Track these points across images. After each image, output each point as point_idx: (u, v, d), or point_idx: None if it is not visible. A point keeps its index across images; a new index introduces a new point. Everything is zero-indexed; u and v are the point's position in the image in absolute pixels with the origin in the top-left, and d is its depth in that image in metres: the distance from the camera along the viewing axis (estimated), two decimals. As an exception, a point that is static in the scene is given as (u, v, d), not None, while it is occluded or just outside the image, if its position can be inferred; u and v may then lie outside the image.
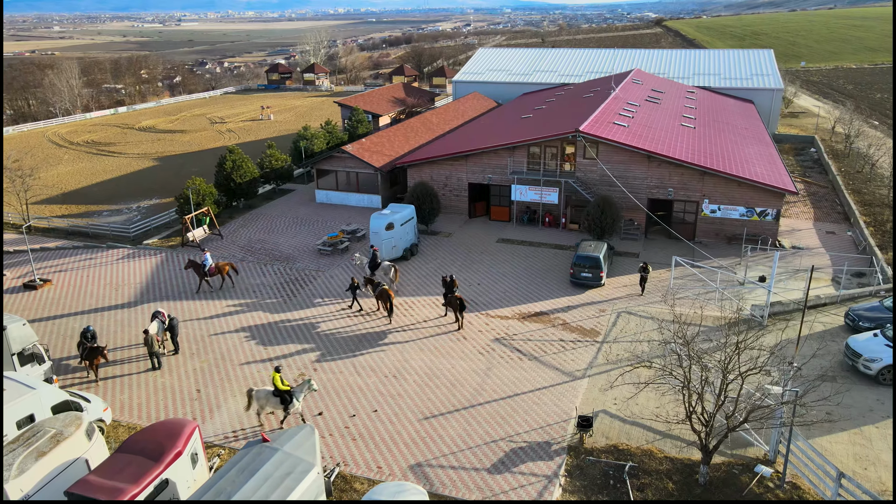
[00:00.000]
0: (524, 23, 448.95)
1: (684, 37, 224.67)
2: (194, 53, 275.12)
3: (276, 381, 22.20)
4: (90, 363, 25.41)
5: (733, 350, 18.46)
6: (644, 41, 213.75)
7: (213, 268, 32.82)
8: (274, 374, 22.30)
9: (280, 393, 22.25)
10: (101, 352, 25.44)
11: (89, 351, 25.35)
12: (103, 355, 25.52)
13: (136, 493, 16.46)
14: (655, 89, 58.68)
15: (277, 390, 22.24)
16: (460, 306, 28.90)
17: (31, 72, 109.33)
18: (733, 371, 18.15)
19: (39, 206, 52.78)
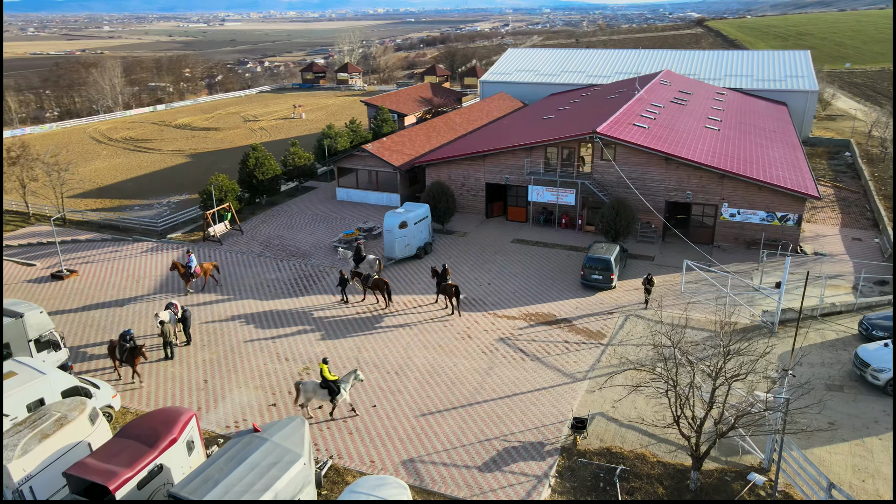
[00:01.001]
0: (563, 23, 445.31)
1: (725, 37, 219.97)
2: (236, 53, 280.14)
3: (324, 373, 22.73)
4: (131, 364, 25.45)
5: (723, 355, 18.21)
6: (683, 42, 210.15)
7: (199, 269, 33.01)
8: (322, 365, 22.79)
9: (328, 384, 22.72)
10: (141, 351, 25.43)
11: (129, 352, 25.35)
12: (142, 354, 25.52)
13: (130, 476, 17.09)
14: (683, 90, 57.81)
15: (325, 381, 22.70)
16: (455, 293, 29.75)
17: (77, 70, 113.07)
18: (721, 376, 17.89)
19: (76, 200, 54.67)
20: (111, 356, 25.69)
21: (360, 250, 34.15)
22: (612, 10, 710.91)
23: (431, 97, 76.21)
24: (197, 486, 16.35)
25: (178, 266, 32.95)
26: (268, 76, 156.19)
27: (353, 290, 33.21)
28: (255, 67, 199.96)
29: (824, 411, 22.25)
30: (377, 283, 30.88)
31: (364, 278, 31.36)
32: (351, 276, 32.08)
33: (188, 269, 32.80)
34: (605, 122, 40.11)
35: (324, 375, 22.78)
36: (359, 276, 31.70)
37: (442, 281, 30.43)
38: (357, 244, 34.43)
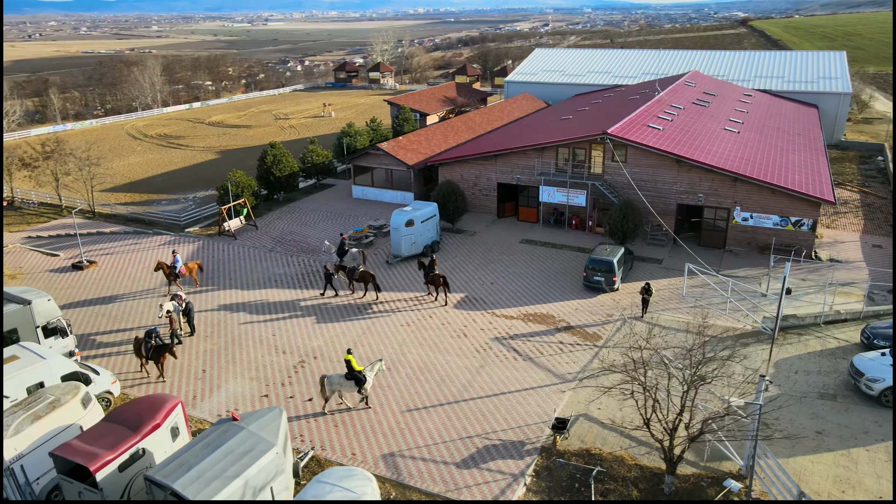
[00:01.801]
0: (604, 23, 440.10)
1: (769, 37, 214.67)
2: (277, 52, 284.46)
3: (352, 363, 23.28)
4: (156, 361, 25.60)
5: (691, 359, 18.06)
6: (725, 42, 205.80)
7: (184, 268, 33.42)
8: (348, 356, 23.27)
9: (354, 375, 23.24)
10: (170, 349, 25.66)
11: (154, 350, 25.50)
12: (171, 353, 25.68)
13: (111, 458, 17.79)
14: (708, 92, 56.84)
15: (351, 373, 23.22)
16: (444, 283, 30.97)
17: (119, 69, 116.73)
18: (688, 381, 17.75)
19: (107, 194, 56.59)
20: (136, 353, 25.97)
21: (344, 244, 34.89)
22: (655, 9, 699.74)
23: (455, 97, 76.49)
24: (172, 470, 16.95)
25: (164, 266, 33.18)
26: (303, 75, 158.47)
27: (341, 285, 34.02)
28: (296, 66, 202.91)
29: (814, 420, 21.86)
30: (363, 275, 31.79)
31: (349, 271, 32.05)
32: (335, 269, 32.75)
33: (173, 268, 33.12)
34: (618, 124, 39.83)
35: (351, 366, 23.31)
36: (343, 270, 32.47)
37: (429, 272, 31.47)
38: (342, 238, 35.13)
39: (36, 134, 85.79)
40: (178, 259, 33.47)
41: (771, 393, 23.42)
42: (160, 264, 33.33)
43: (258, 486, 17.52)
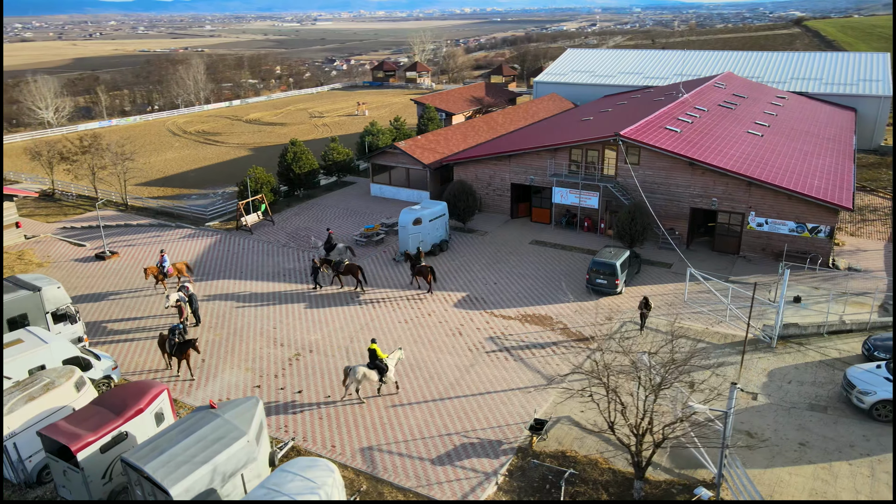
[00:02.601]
0: (653, 22, 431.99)
1: (823, 38, 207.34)
2: (324, 51, 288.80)
3: (378, 353, 24.09)
4: (179, 359, 25.86)
5: (668, 364, 17.88)
6: (776, 42, 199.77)
7: (172, 268, 33.72)
8: (373, 345, 24.12)
9: (378, 364, 24.01)
10: (193, 345, 25.84)
11: (178, 346, 25.75)
12: (195, 348, 25.91)
13: (92, 440, 18.61)
14: (737, 94, 55.52)
15: (374, 362, 23.99)
16: (431, 273, 32.18)
17: (165, 67, 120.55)
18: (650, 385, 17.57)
19: (142, 187, 58.75)
20: (161, 349, 26.38)
21: (331, 239, 35.62)
22: (708, 8, 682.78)
23: (483, 97, 76.50)
24: (145, 454, 17.65)
25: (152, 270, 33.14)
26: (345, 74, 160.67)
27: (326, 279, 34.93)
28: (341, 65, 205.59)
29: (799, 431, 21.32)
30: (350, 268, 32.66)
31: (335, 265, 32.70)
32: (321, 263, 33.45)
33: (162, 268, 33.38)
34: (633, 125, 39.36)
35: (377, 355, 24.09)
36: (328, 264, 33.25)
37: (416, 264, 32.60)
38: (328, 233, 35.85)
39: (83, 129, 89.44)
40: (165, 259, 33.62)
41: (759, 402, 22.95)
42: (147, 271, 33.23)
43: (227, 473, 18.10)
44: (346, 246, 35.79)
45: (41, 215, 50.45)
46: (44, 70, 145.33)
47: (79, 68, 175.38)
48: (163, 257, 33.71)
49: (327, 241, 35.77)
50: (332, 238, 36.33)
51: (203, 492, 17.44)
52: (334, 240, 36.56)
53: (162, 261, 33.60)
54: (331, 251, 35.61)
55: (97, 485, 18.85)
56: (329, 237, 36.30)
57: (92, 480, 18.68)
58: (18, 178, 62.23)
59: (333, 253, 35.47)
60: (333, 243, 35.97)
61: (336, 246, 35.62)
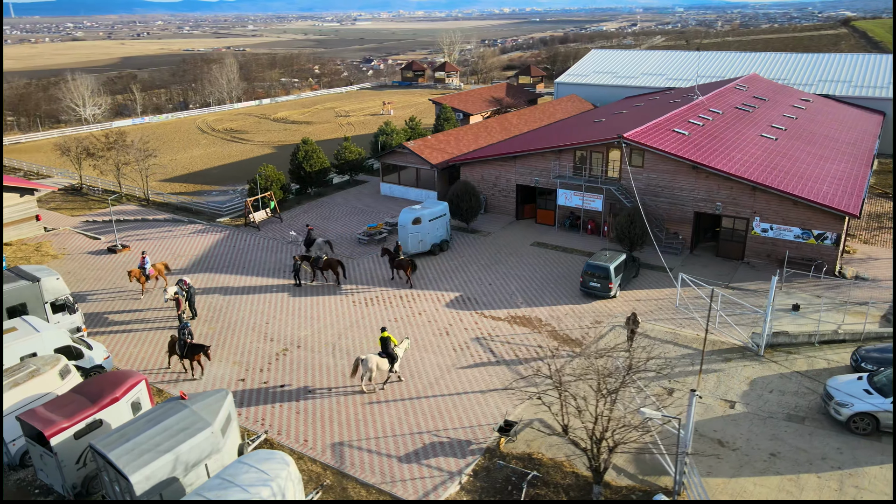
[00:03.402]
0: (696, 22, 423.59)
1: (870, 39, 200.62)
2: (362, 51, 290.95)
3: (392, 341, 24.87)
4: (191, 359, 25.76)
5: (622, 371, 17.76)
6: (821, 43, 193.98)
7: (153, 270, 33.72)
8: (385, 334, 24.82)
9: (389, 353, 24.69)
10: (205, 350, 25.77)
11: (190, 348, 25.68)
12: (206, 354, 25.81)
13: (66, 426, 19.29)
14: (758, 96, 54.30)
15: (385, 351, 24.69)
16: (411, 265, 33.06)
17: (200, 66, 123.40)
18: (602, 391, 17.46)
19: (166, 183, 60.34)
20: (171, 352, 26.31)
21: (310, 234, 36.24)
22: (754, 8, 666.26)
23: (503, 97, 76.31)
24: (112, 441, 18.26)
25: (136, 273, 32.99)
26: (380, 73, 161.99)
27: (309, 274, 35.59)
28: (379, 65, 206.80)
29: (772, 441, 20.89)
30: (329, 263, 33.35)
31: (314, 260, 33.21)
32: (300, 260, 33.98)
33: (143, 270, 33.20)
34: (639, 128, 38.92)
35: (391, 343, 24.82)
36: (307, 259, 33.85)
37: (395, 257, 33.52)
38: (308, 229, 36.49)
39: (117, 126, 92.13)
40: (146, 260, 33.59)
41: (736, 411, 22.55)
42: (131, 273, 33.08)
43: (190, 462, 18.58)
44: (325, 240, 36.62)
45: (67, 209, 52.23)
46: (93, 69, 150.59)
47: (126, 67, 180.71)
48: (144, 259, 33.50)
49: (307, 237, 36.41)
50: (311, 234, 37.24)
51: (164, 480, 17.95)
52: (313, 235, 37.40)
53: (143, 262, 33.47)
54: (310, 246, 36.27)
55: (71, 469, 19.54)
56: (308, 233, 37.18)
57: (66, 465, 19.39)
58: (50, 172, 64.54)
59: (313, 248, 36.08)
60: (312, 238, 36.83)
61: (315, 241, 36.27)
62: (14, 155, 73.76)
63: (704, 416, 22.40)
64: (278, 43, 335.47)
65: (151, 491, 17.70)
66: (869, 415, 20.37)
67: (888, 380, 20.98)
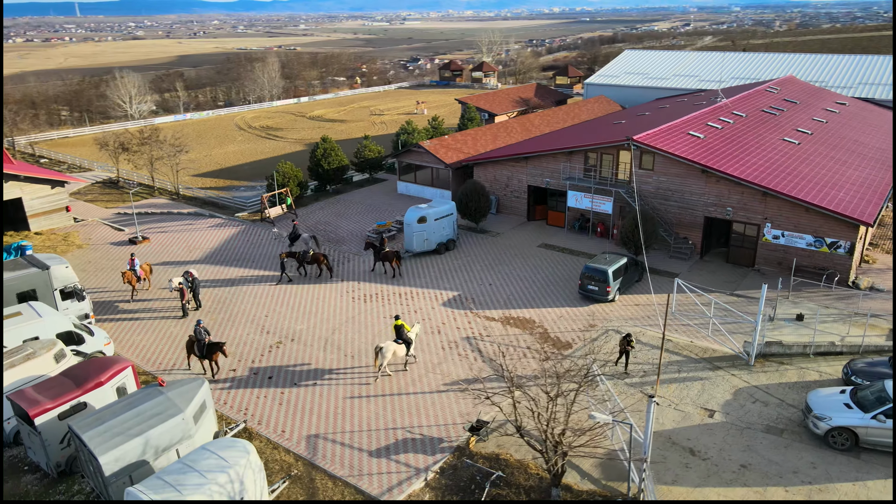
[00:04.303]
0: (752, 22, 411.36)
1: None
2: (410, 50, 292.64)
3: (405, 328, 25.92)
4: (210, 358, 25.82)
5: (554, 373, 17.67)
6: (879, 45, 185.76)
7: (141, 271, 33.76)
8: (400, 322, 25.97)
9: (404, 338, 25.81)
10: (221, 348, 25.77)
11: (208, 347, 25.78)
12: (223, 352, 25.81)
13: (50, 408, 20.28)
14: (789, 99, 52.69)
15: (400, 337, 25.80)
16: (397, 257, 34.15)
17: (243, 65, 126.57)
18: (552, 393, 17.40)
19: (198, 178, 62.24)
20: (189, 351, 26.29)
21: (295, 229, 36.93)
22: (815, 7, 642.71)
23: (531, 97, 75.87)
24: (88, 423, 19.12)
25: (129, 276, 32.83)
26: (410, 74, 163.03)
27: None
28: (425, 64, 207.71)
29: (745, 452, 20.41)
30: (314, 257, 34.17)
31: (300, 256, 33.79)
32: (286, 256, 34.58)
33: (134, 271, 33.12)
34: (652, 130, 38.33)
35: (405, 330, 25.95)
36: (292, 256, 34.51)
37: (380, 250, 34.46)
38: (294, 224, 37.13)
39: (160, 122, 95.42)
40: (136, 262, 33.62)
41: (714, 420, 22.09)
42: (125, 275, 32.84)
43: (160, 447, 19.30)
44: (310, 235, 37.39)
45: (103, 201, 54.42)
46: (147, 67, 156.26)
47: (181, 65, 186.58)
48: (133, 261, 33.53)
49: (292, 232, 37.09)
50: (296, 228, 38.30)
51: (134, 462, 18.71)
52: (298, 230, 38.37)
53: (133, 264, 33.48)
54: (295, 241, 37.03)
55: (55, 449, 20.52)
56: (294, 227, 38.16)
57: (50, 444, 20.36)
58: (91, 166, 67.30)
59: (298, 243, 36.80)
60: (297, 234, 37.76)
61: (300, 236, 36.99)
62: (61, 149, 77.17)
63: (681, 423, 22.04)
64: (328, 42, 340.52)
65: (121, 472, 18.48)
66: (847, 430, 19.70)
67: (873, 395, 20.25)
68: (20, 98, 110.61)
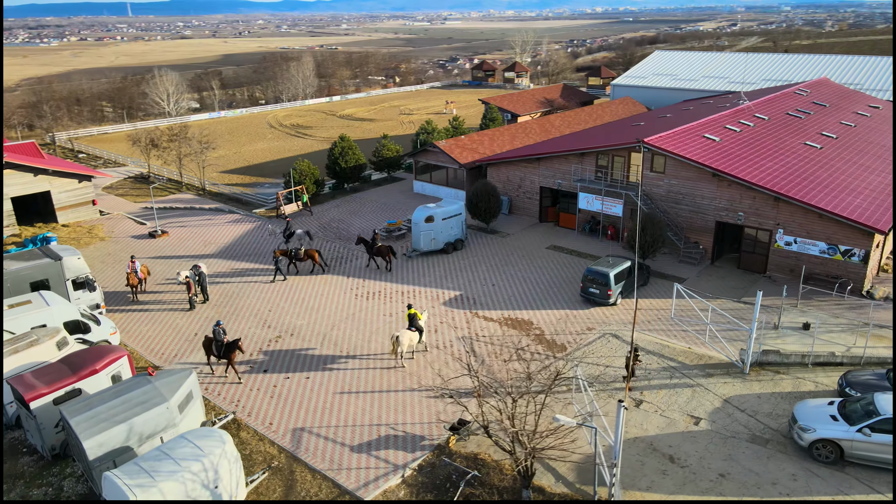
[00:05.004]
0: (803, 22, 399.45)
1: None
2: (450, 50, 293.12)
3: (418, 317, 27.04)
4: (228, 359, 25.75)
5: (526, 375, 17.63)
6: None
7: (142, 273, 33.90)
8: (413, 311, 27.08)
9: (417, 325, 26.87)
10: (238, 345, 25.72)
11: (226, 347, 25.73)
12: (240, 349, 25.82)
13: (45, 393, 21.12)
14: (818, 102, 51.22)
15: (413, 325, 26.83)
16: (390, 251, 34.90)
17: (279, 64, 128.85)
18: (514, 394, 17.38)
19: (225, 174, 63.70)
20: (207, 351, 26.16)
21: (289, 226, 37.82)
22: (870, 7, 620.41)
23: (556, 98, 75.27)
24: (78, 409, 19.86)
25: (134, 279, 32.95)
26: (456, 73, 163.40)
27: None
28: (464, 64, 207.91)
29: (726, 461, 20.05)
30: (308, 253, 34.97)
31: (293, 254, 34.47)
32: (281, 255, 35.05)
33: (136, 273, 33.14)
34: (665, 132, 37.78)
35: (418, 318, 27.03)
36: (285, 254, 35.07)
37: (373, 245, 35.26)
38: (287, 221, 37.60)
39: (195, 119, 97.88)
40: (137, 265, 33.54)
41: (699, 428, 21.73)
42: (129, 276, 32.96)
43: (144, 434, 19.93)
44: (304, 231, 38.06)
45: (132, 195, 56.14)
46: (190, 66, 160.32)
47: (226, 63, 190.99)
48: (135, 264, 33.53)
49: (285, 229, 37.60)
50: (290, 225, 39.02)
51: (117, 448, 19.36)
52: (292, 227, 39.03)
53: (134, 266, 33.51)
54: (290, 238, 37.58)
55: (50, 432, 21.36)
56: (287, 224, 38.91)
57: (45, 428, 21.21)
58: (125, 161, 69.45)
59: (293, 239, 37.34)
60: (291, 231, 38.37)
61: (294, 232, 37.51)
62: (100, 144, 79.83)
63: (665, 430, 21.74)
64: (369, 42, 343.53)
65: (105, 457, 19.14)
66: (832, 442, 19.16)
67: (861, 408, 19.65)
68: (66, 95, 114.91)
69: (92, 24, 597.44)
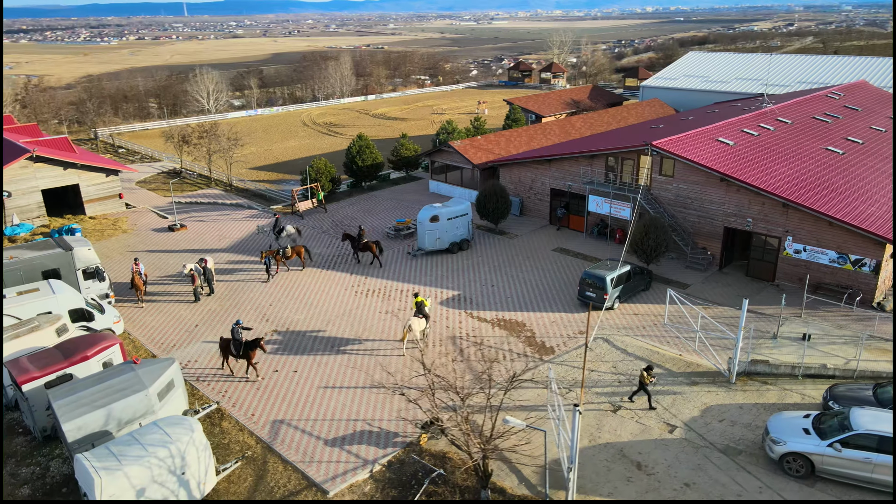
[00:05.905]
0: (864, 22, 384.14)
1: None
2: (495, 50, 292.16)
3: (425, 304, 28.38)
4: (247, 358, 25.68)
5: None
6: None
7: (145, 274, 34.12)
8: (420, 298, 28.39)
9: (425, 312, 28.15)
10: (259, 344, 25.57)
11: (246, 346, 25.61)
12: (262, 348, 25.77)
13: (38, 376, 22.17)
14: (849, 105, 49.43)
15: (421, 312, 28.07)
16: (378, 247, 35.81)
17: (318, 63, 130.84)
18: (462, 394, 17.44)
19: (254, 171, 65.20)
20: (223, 353, 26.04)
21: (278, 222, 38.99)
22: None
23: (583, 99, 74.40)
24: (63, 393, 20.81)
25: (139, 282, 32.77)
26: (494, 73, 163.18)
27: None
28: (509, 64, 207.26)
29: (693, 471, 19.70)
30: (296, 250, 35.75)
31: (279, 252, 35.28)
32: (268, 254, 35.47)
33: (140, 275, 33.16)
34: (676, 135, 37.13)
35: (425, 305, 28.32)
36: (273, 254, 35.61)
37: (360, 241, 36.09)
38: (276, 217, 38.12)
39: (232, 117, 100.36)
40: (141, 266, 33.84)
41: (673, 436, 21.38)
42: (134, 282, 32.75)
43: (123, 420, 20.73)
44: (294, 227, 38.85)
45: (163, 190, 58.00)
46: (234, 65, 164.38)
47: (274, 62, 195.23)
48: (139, 266, 33.60)
49: (275, 226, 38.13)
50: (279, 221, 39.74)
51: (96, 432, 20.21)
52: (281, 223, 39.69)
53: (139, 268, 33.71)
54: (280, 234, 38.27)
55: (41, 414, 22.39)
56: (276, 220, 39.63)
57: (36, 410, 22.26)
58: (161, 157, 71.75)
59: (283, 235, 37.98)
60: (281, 227, 39.03)
61: (284, 228, 38.11)
62: (140, 140, 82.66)
63: (638, 437, 21.47)
64: (415, 41, 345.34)
65: (83, 440, 20.01)
66: (802, 456, 18.61)
67: (837, 422, 19.03)
68: (114, 92, 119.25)
69: (150, 24, 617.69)
